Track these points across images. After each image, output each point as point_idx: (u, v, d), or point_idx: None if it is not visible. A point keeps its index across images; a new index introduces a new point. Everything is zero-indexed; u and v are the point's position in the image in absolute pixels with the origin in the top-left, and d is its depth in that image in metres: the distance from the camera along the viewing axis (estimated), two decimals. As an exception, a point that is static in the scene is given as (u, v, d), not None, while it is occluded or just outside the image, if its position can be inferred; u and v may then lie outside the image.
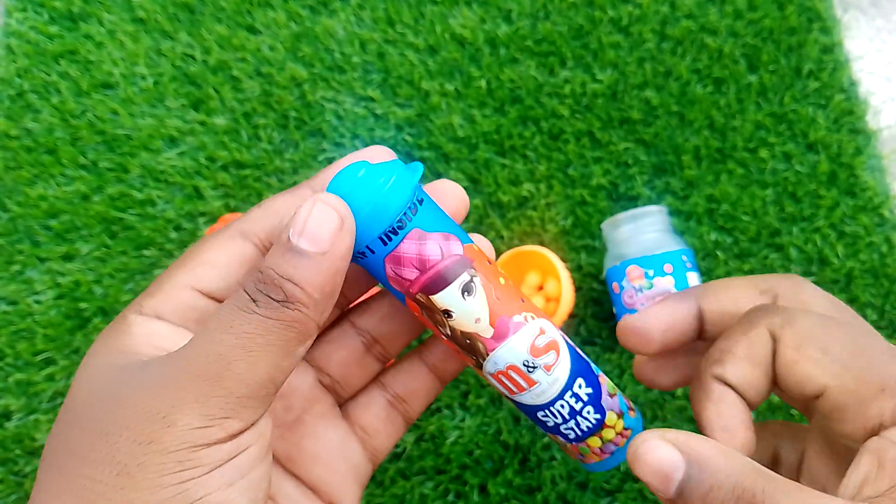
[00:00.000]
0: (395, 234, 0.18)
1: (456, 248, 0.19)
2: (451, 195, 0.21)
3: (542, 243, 0.56)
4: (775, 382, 0.19)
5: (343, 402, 0.22)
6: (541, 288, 0.55)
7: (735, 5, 0.61)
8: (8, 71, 0.66)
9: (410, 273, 0.18)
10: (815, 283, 0.54)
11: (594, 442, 0.20)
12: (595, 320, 0.54)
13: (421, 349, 0.23)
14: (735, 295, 0.21)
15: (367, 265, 0.19)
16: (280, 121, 0.62)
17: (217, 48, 0.64)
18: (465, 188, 0.58)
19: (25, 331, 0.58)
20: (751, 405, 0.19)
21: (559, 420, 0.20)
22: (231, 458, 0.16)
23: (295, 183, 0.60)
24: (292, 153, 0.61)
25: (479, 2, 0.63)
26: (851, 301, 0.53)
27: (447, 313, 0.19)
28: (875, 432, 0.16)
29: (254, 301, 0.16)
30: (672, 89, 0.59)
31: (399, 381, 0.22)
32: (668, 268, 0.48)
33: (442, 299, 0.19)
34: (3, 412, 0.57)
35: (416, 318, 0.22)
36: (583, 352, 0.21)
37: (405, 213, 0.18)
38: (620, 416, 0.21)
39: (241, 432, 0.16)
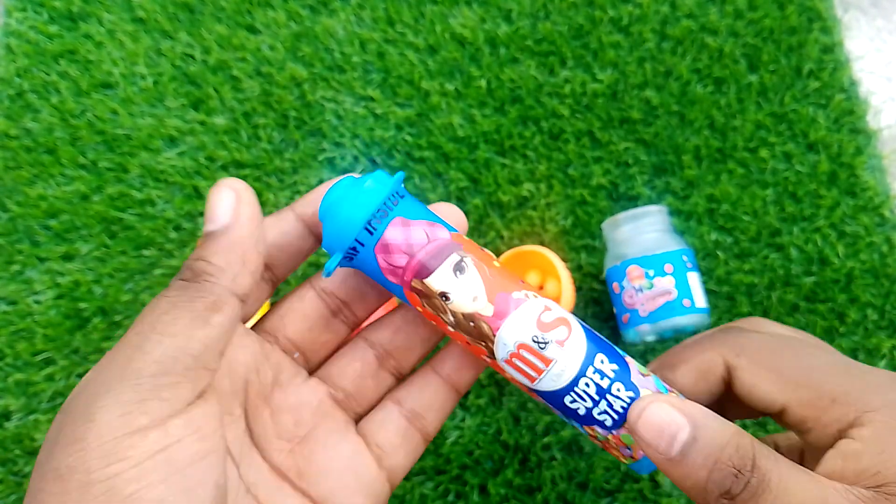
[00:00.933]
0: (379, 222, 0.19)
1: (442, 233, 0.19)
2: (446, 215, 0.21)
3: (542, 243, 0.56)
4: (741, 403, 0.20)
5: (358, 418, 0.22)
6: (541, 288, 0.55)
7: (735, 5, 0.61)
8: (7, 71, 0.66)
9: (400, 259, 0.19)
10: (816, 282, 0.54)
11: None
12: (595, 320, 0.54)
13: (434, 361, 0.23)
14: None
15: (363, 264, 0.19)
16: (280, 120, 0.62)
17: (217, 48, 0.64)
18: (465, 188, 0.58)
19: (25, 331, 0.58)
20: None
21: (588, 403, 0.19)
22: (161, 451, 0.15)
23: (294, 183, 0.60)
24: (292, 153, 0.61)
25: (479, 1, 0.63)
26: (852, 301, 0.53)
27: (444, 296, 0.19)
28: (839, 437, 0.18)
29: (167, 288, 0.17)
30: (672, 89, 0.59)
31: (413, 395, 0.22)
32: (668, 268, 0.48)
33: (436, 281, 0.19)
34: (3, 412, 0.57)
35: (428, 330, 0.22)
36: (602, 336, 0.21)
37: (386, 204, 0.19)
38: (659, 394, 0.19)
39: (169, 418, 0.16)
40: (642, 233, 0.50)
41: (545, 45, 0.61)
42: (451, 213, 0.21)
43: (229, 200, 0.17)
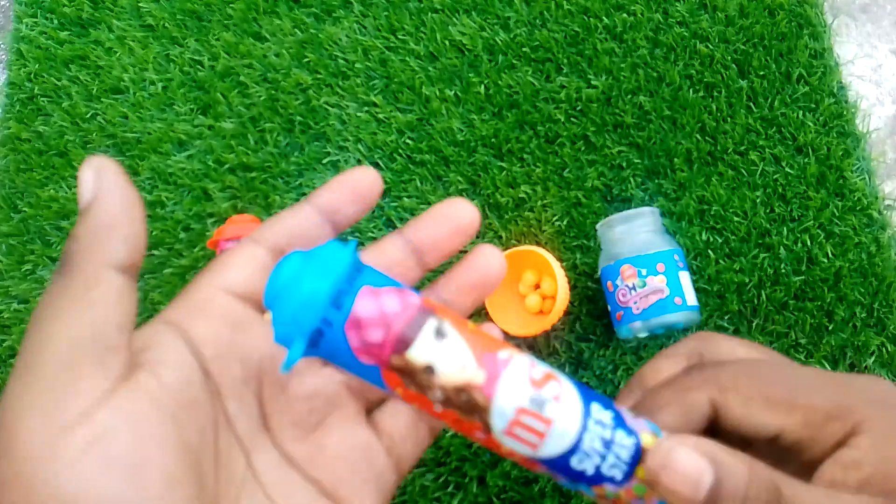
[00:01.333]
0: (346, 294, 0.17)
1: (413, 298, 0.17)
2: (457, 211, 0.21)
3: (538, 243, 0.58)
4: (725, 436, 0.20)
5: (370, 407, 0.22)
6: (537, 286, 0.56)
7: (726, 12, 0.63)
8: (19, 75, 0.68)
9: (375, 333, 0.17)
10: (804, 281, 0.55)
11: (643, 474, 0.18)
12: (590, 318, 0.56)
13: None
14: (669, 372, 0.22)
15: (330, 348, 0.17)
16: (286, 125, 0.63)
17: (224, 54, 0.66)
18: (464, 190, 0.60)
19: (38, 328, 0.60)
20: None
21: (597, 459, 0.17)
22: (95, 442, 0.15)
23: (300, 185, 0.61)
24: (297, 156, 0.62)
25: (479, 10, 0.65)
26: (840, 299, 0.55)
27: (429, 369, 0.17)
28: (835, 450, 0.18)
29: (49, 283, 0.17)
30: (664, 94, 0.61)
31: None
32: (660, 267, 0.50)
33: (418, 353, 0.17)
34: (16, 407, 0.58)
35: None
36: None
37: (350, 276, 0.17)
38: (655, 436, 0.18)
39: (92, 409, 0.15)
40: (635, 233, 0.52)
41: (541, 52, 0.63)
42: (462, 208, 0.21)
43: (89, 177, 0.17)
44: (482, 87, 0.62)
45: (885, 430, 0.18)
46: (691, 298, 0.50)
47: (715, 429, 0.20)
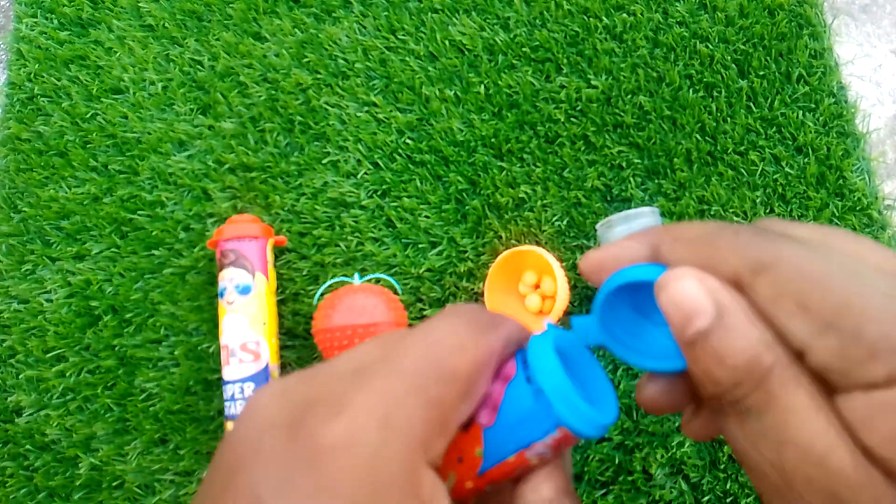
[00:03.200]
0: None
1: None
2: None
3: (538, 243, 0.58)
4: None
5: None
6: (537, 286, 0.56)
7: (726, 12, 0.63)
8: (19, 75, 0.68)
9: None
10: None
11: None
12: (590, 318, 0.56)
13: None
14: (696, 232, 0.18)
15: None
16: (286, 125, 0.63)
17: (224, 55, 0.66)
18: (464, 190, 0.60)
19: (37, 328, 0.60)
20: None
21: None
22: None
23: (300, 185, 0.61)
24: (297, 156, 0.62)
25: (479, 10, 0.65)
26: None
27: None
28: (870, 389, 0.14)
29: None
30: (664, 94, 0.61)
31: None
32: (660, 267, 0.50)
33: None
34: (15, 408, 0.58)
35: None
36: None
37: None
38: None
39: None
40: (635, 233, 0.52)
41: (541, 53, 0.63)
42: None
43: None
44: (482, 87, 0.62)
45: None
46: (691, 298, 0.50)
47: None
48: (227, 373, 0.53)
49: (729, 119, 0.60)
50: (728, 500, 0.51)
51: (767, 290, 0.15)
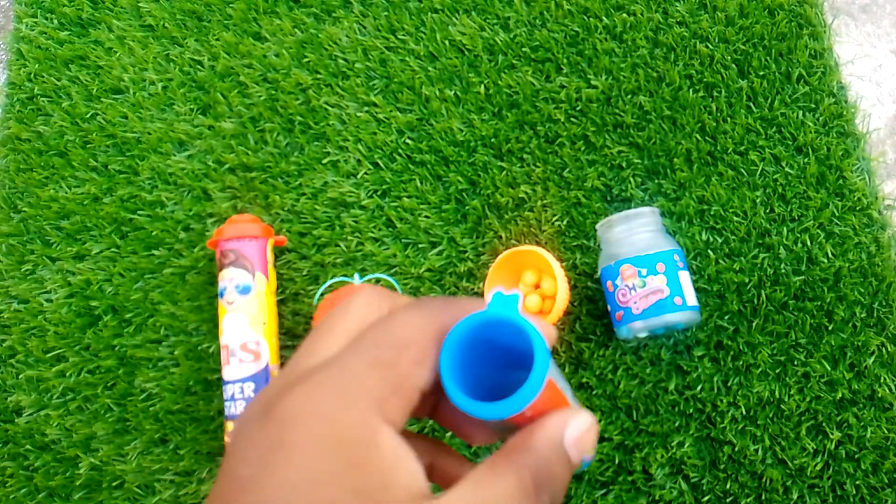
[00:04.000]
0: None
1: None
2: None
3: (538, 243, 0.58)
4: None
5: None
6: (537, 286, 0.56)
7: (726, 12, 0.63)
8: (19, 75, 0.68)
9: None
10: (804, 281, 0.55)
11: None
12: (590, 317, 0.56)
13: None
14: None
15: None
16: (286, 125, 0.63)
17: (224, 55, 0.66)
18: (464, 190, 0.60)
19: (37, 328, 0.60)
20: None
21: None
22: None
23: (300, 185, 0.61)
24: (297, 156, 0.62)
25: (479, 10, 0.65)
26: (840, 299, 0.55)
27: None
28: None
29: None
30: (664, 94, 0.61)
31: None
32: (660, 267, 0.50)
33: None
34: (15, 408, 0.58)
35: None
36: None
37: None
38: None
39: None
40: (635, 233, 0.52)
41: (541, 52, 0.63)
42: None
43: None
44: (482, 87, 0.62)
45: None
46: (691, 298, 0.50)
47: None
48: (227, 373, 0.53)
49: (729, 119, 0.60)
50: (728, 500, 0.51)
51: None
